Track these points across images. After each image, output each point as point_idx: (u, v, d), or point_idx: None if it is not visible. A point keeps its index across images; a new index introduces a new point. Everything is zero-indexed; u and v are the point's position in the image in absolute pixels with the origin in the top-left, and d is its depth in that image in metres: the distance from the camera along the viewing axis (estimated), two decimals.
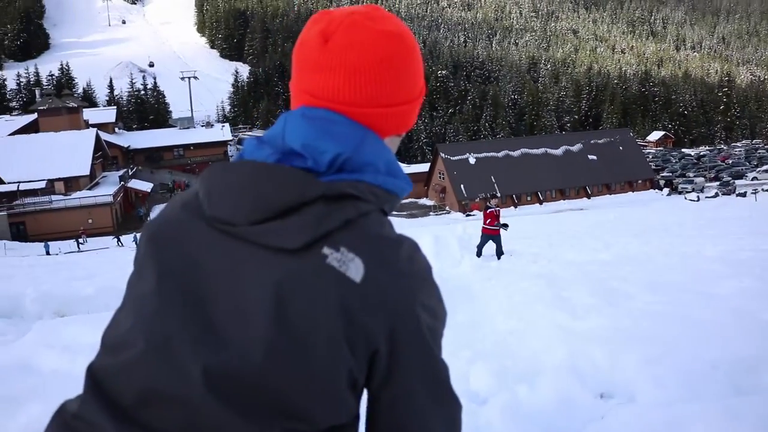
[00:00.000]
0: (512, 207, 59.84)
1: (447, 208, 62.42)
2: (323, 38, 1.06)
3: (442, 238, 12.56)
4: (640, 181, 69.10)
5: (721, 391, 3.20)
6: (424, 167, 71.07)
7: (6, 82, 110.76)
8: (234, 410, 0.94)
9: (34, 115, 75.26)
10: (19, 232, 51.05)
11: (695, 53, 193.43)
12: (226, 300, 0.98)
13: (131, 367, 0.98)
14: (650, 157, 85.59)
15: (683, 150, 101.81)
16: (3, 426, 2.84)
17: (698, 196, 54.56)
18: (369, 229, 1.00)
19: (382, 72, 1.06)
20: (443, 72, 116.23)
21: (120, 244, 45.92)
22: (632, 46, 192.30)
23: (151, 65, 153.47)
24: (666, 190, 65.87)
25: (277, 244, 0.96)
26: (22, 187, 53.72)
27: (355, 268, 0.96)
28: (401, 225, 44.75)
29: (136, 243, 41.96)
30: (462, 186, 61.56)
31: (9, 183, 54.11)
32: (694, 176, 70.89)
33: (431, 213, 60.46)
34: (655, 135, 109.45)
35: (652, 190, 67.85)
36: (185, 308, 0.99)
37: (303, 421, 0.97)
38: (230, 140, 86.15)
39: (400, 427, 1.04)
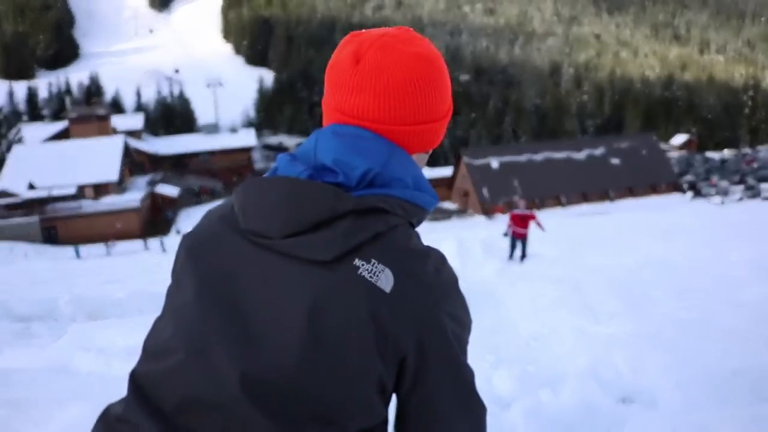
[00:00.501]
0: (534, 210, 59.53)
1: (469, 211, 62.27)
2: (355, 59, 1.11)
3: (465, 242, 12.62)
4: (663, 185, 68.31)
5: (742, 398, 3.23)
6: (447, 171, 70.99)
7: (38, 91, 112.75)
8: (269, 416, 0.98)
9: (65, 123, 76.69)
10: (51, 237, 51.94)
11: (720, 57, 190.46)
12: (261, 309, 1.02)
13: (172, 373, 1.03)
14: (674, 161, 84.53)
15: (707, 154, 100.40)
16: (45, 426, 2.97)
17: (723, 200, 53.73)
18: (398, 242, 1.04)
19: (410, 93, 1.10)
20: (466, 77, 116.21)
21: (146, 248, 46.39)
22: (655, 50, 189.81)
23: (176, 72, 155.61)
24: (690, 194, 64.96)
25: (310, 257, 1.01)
26: (54, 192, 54.69)
27: (385, 279, 1.00)
28: (425, 228, 44.71)
29: (162, 248, 42.50)
30: (484, 190, 61.37)
31: (41, 188, 55.11)
32: (719, 180, 69.87)
33: (454, 217, 60.36)
34: (679, 139, 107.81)
35: (675, 194, 67.03)
36: (222, 317, 1.03)
37: (335, 425, 1.01)
38: (255, 146, 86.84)
39: (427, 430, 1.08)
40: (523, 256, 13.46)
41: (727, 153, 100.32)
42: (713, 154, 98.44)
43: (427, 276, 1.04)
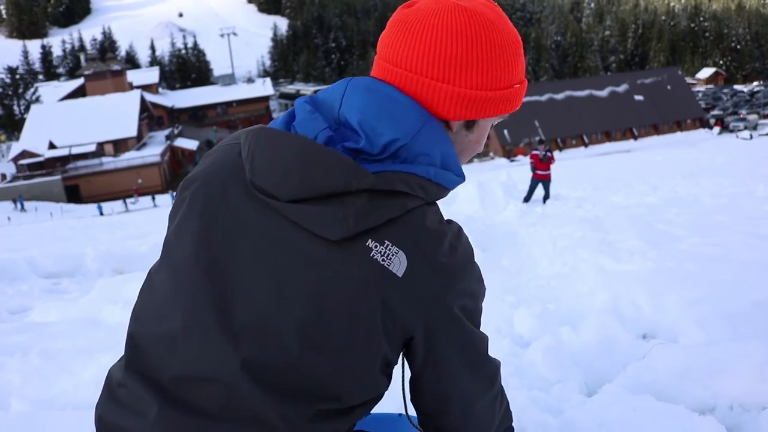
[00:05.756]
0: (557, 151, 58.98)
1: (491, 154, 61.84)
2: (410, 5, 1.08)
3: (486, 184, 12.55)
4: (689, 121, 67.07)
5: (762, 330, 3.22)
6: None
7: (52, 49, 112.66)
8: (272, 394, 0.96)
9: (81, 80, 76.96)
10: (74, 195, 52.70)
11: None
12: (264, 285, 0.98)
13: (170, 342, 1.01)
14: (700, 95, 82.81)
15: (735, 86, 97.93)
16: (79, 374, 3.08)
17: (751, 135, 52.59)
18: (413, 223, 0.99)
19: (455, 46, 1.01)
20: None
21: (155, 204, 46.16)
22: None
23: (180, 15, 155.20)
24: (716, 129, 63.69)
25: (318, 232, 0.96)
26: (74, 151, 55.23)
27: (398, 263, 0.96)
28: None
29: (173, 199, 42.28)
30: (505, 131, 60.78)
31: (61, 147, 55.62)
32: (747, 114, 68.31)
33: (475, 159, 59.98)
34: (706, 72, 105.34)
35: (701, 130, 65.82)
36: (223, 293, 0.99)
37: (337, 401, 1.00)
38: (272, 95, 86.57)
39: (443, 397, 1.10)
40: (546, 197, 13.42)
41: (756, 85, 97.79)
42: (742, 87, 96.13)
43: (443, 257, 1.00)
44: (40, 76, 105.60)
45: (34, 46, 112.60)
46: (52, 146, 55.67)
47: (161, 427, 0.97)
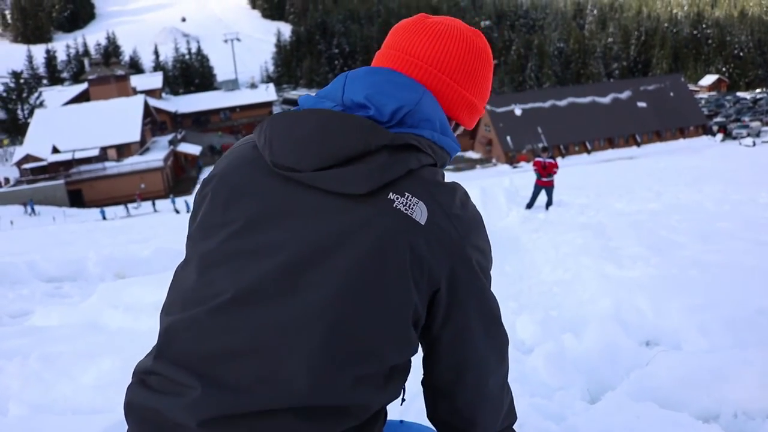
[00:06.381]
0: (560, 157, 58.89)
1: (493, 160, 61.79)
2: (425, 16, 1.26)
3: (489, 190, 12.53)
4: (691, 128, 66.97)
5: (765, 337, 3.20)
6: None
7: (56, 54, 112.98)
8: (311, 360, 0.98)
9: (85, 85, 77.10)
10: (77, 199, 52.67)
11: None
12: (299, 252, 1.02)
13: (201, 324, 1.03)
14: (703, 102, 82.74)
15: (738, 93, 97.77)
16: (78, 378, 3.06)
17: (754, 142, 52.53)
18: (428, 177, 1.09)
19: (461, 51, 1.20)
20: (486, 22, 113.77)
21: (155, 209, 45.97)
22: None
23: (183, 20, 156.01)
24: (719, 136, 63.58)
25: (344, 190, 1.02)
26: (77, 155, 55.23)
27: (420, 212, 1.04)
28: (448, 178, 44.42)
29: (173, 204, 42.17)
30: (508, 138, 60.74)
31: (64, 152, 55.65)
32: (750, 121, 68.20)
33: (478, 166, 59.98)
34: (708, 79, 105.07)
35: (704, 137, 65.72)
36: (258, 268, 1.02)
37: (373, 363, 1.03)
38: (275, 100, 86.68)
39: (459, 363, 1.14)
40: (549, 203, 13.36)
41: (759, 92, 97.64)
42: (745, 94, 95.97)
43: (456, 209, 1.09)
44: (44, 81, 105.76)
45: (39, 51, 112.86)
46: (55, 150, 55.66)
47: (198, 406, 0.97)
